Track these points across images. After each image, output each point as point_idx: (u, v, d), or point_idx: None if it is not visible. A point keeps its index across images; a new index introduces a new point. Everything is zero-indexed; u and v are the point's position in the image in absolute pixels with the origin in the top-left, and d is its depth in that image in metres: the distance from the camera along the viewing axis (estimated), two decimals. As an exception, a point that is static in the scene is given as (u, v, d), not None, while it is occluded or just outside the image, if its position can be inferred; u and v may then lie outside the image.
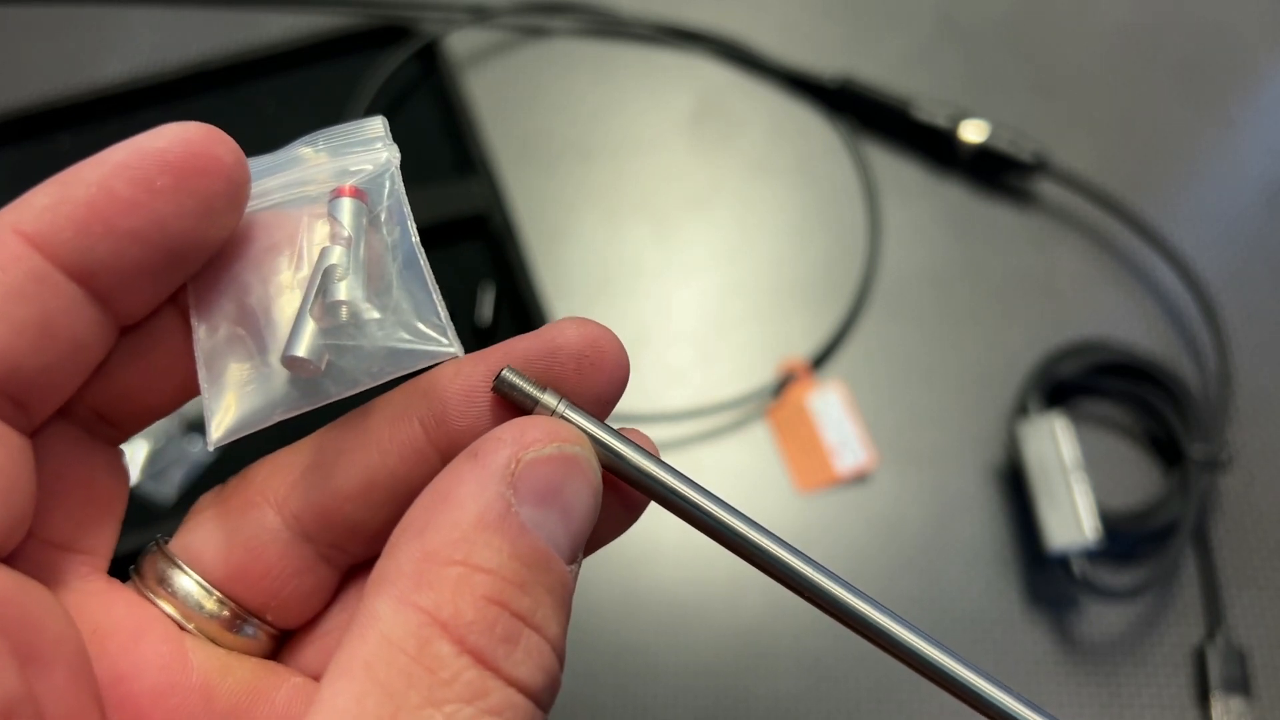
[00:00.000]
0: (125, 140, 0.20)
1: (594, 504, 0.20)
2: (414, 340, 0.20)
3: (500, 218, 0.57)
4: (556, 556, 0.19)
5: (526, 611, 0.18)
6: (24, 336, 0.19)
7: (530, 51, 0.65)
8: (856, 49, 0.65)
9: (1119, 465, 0.53)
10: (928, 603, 0.50)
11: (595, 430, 0.21)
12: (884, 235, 0.59)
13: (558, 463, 0.20)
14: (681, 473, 0.22)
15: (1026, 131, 0.60)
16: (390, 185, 0.22)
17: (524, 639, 0.18)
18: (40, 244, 0.19)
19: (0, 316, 0.19)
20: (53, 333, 0.19)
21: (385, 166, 0.22)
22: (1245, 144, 0.62)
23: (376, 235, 0.21)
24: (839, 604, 0.21)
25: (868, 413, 0.54)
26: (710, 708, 0.47)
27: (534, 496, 0.19)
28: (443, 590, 0.18)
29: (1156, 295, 0.57)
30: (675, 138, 0.62)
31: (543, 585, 0.19)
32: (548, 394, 0.21)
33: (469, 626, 0.18)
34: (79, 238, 0.19)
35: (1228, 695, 0.47)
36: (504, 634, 0.18)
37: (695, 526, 0.22)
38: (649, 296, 0.57)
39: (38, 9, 0.65)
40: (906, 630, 0.21)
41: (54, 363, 0.20)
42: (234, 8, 0.64)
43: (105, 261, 0.19)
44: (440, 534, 0.19)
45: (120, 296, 0.20)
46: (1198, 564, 0.50)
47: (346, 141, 0.22)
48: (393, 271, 0.21)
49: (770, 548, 0.21)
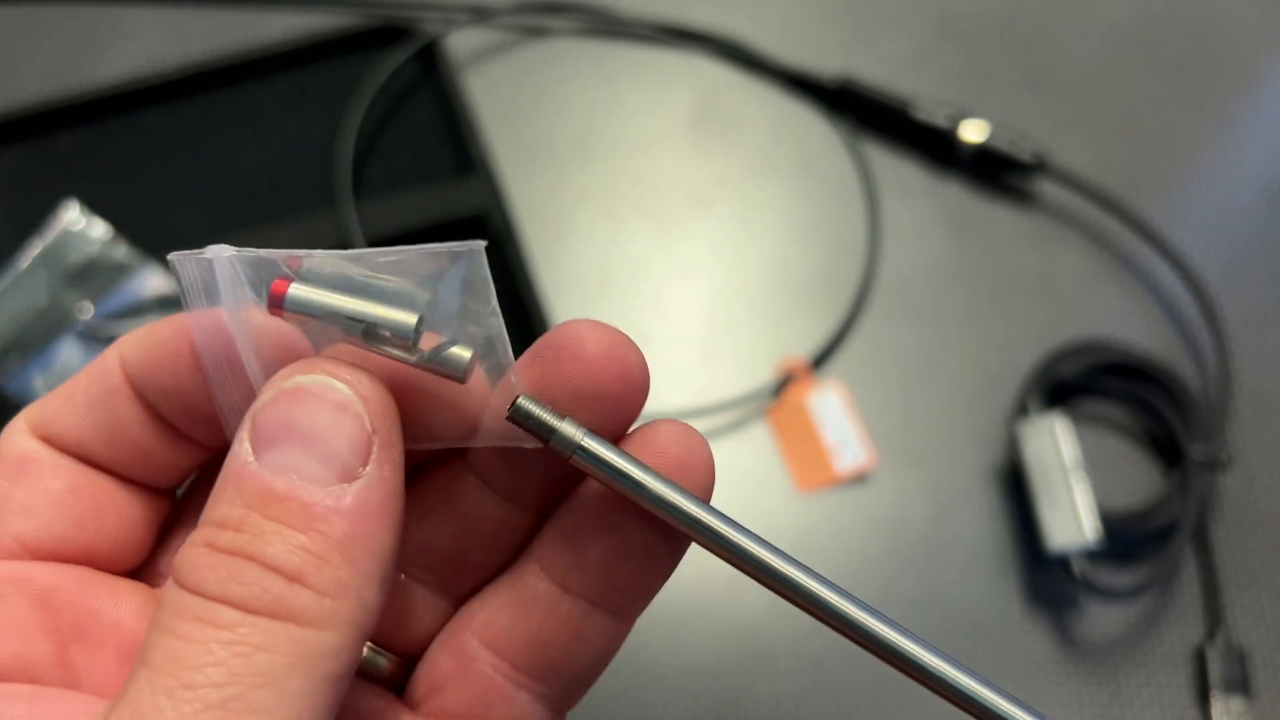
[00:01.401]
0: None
1: (338, 418, 0.20)
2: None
3: (500, 218, 0.57)
4: (287, 488, 0.19)
5: (238, 546, 0.19)
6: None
7: (530, 51, 0.65)
8: (856, 49, 0.65)
9: (1119, 465, 0.53)
10: (927, 602, 0.50)
11: (617, 460, 0.20)
12: (884, 235, 0.59)
13: (281, 400, 0.20)
14: (707, 503, 0.21)
15: (1026, 131, 0.60)
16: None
17: (226, 564, 0.19)
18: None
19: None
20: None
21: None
22: (1245, 144, 0.62)
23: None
24: (874, 638, 0.21)
25: (867, 413, 0.54)
26: (710, 708, 0.47)
27: (264, 441, 0.20)
28: (186, 556, 0.19)
29: (1156, 295, 0.57)
30: (675, 138, 0.62)
31: (270, 517, 0.19)
32: (566, 422, 0.20)
33: (182, 565, 0.19)
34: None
35: (1228, 695, 0.47)
36: (209, 564, 0.19)
37: (723, 558, 0.21)
38: (649, 296, 0.57)
39: (38, 9, 0.65)
40: (918, 645, 0.21)
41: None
42: (234, 8, 0.64)
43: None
44: (207, 504, 0.20)
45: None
46: (1198, 564, 0.50)
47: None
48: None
49: (801, 579, 0.21)
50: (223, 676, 0.17)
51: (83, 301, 0.53)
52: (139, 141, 0.60)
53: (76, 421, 0.23)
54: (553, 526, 0.22)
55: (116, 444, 0.23)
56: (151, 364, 0.22)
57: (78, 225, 0.55)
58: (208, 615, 0.18)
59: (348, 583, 0.19)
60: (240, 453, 0.20)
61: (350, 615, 0.19)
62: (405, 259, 0.20)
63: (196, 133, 0.61)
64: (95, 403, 0.22)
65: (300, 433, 0.20)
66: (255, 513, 0.19)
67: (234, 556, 0.19)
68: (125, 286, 0.54)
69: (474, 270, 0.20)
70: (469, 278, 0.20)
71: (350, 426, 0.20)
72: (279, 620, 0.18)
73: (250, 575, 0.18)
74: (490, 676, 0.22)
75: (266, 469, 0.19)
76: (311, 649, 0.18)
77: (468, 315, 0.21)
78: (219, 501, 0.19)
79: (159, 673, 0.17)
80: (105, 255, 0.54)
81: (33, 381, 0.51)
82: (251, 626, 0.18)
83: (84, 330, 0.53)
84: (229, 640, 0.18)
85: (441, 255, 0.20)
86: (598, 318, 0.22)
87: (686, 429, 0.22)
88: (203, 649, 0.18)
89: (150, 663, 0.18)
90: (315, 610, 0.19)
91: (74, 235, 0.54)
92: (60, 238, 0.54)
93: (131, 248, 0.55)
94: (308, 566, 0.19)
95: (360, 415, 0.20)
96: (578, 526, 0.22)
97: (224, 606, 0.18)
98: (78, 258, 0.54)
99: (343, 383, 0.20)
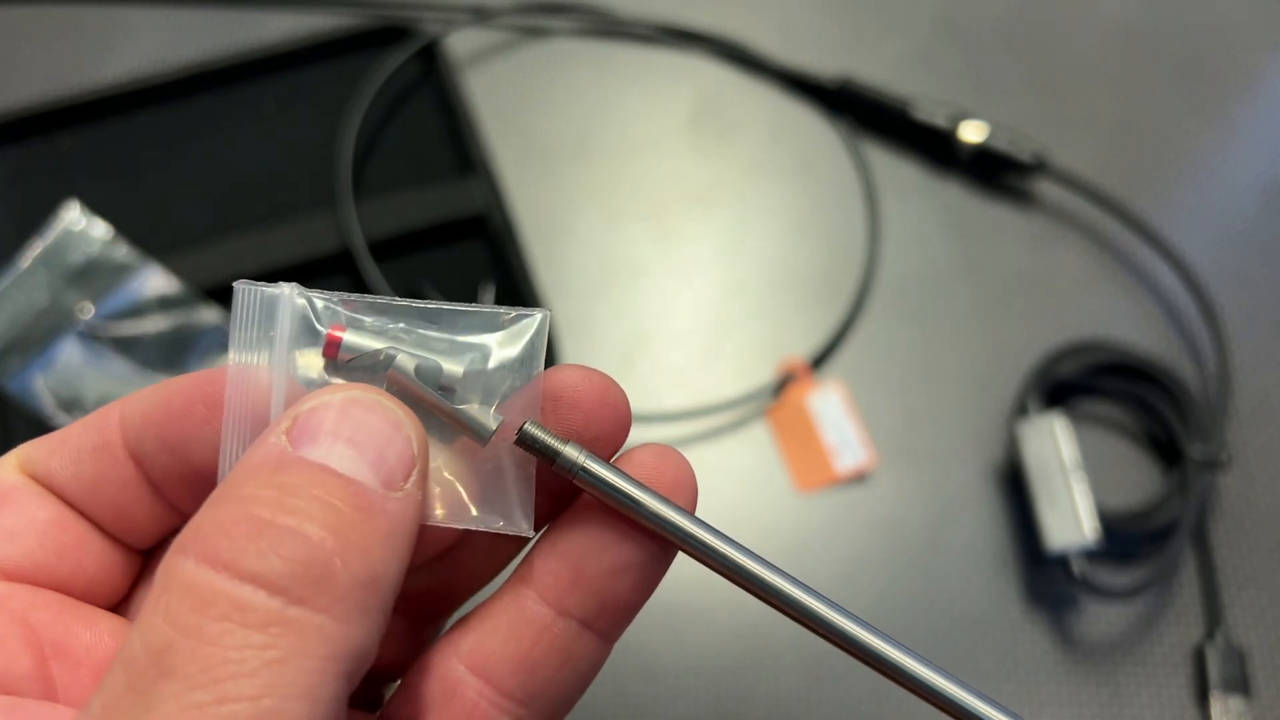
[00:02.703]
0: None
1: (392, 432, 0.20)
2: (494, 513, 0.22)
3: (500, 218, 0.57)
4: (338, 472, 0.19)
5: (272, 515, 0.18)
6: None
7: (530, 52, 0.65)
8: (856, 49, 0.65)
9: (1118, 465, 0.53)
10: (927, 602, 0.50)
11: (616, 480, 0.22)
12: (883, 235, 0.59)
13: (331, 406, 0.20)
14: (705, 521, 0.22)
15: (1026, 132, 0.60)
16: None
17: (265, 534, 0.18)
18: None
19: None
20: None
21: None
22: (1244, 144, 0.62)
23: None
24: (860, 645, 0.22)
25: (867, 412, 0.54)
26: (710, 708, 0.47)
27: (309, 436, 0.19)
28: (199, 523, 0.18)
29: (1156, 295, 0.57)
30: (675, 138, 0.62)
31: (310, 496, 0.18)
32: (569, 446, 0.22)
33: (208, 539, 0.18)
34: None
35: (1227, 694, 0.47)
36: (245, 534, 0.18)
37: (723, 575, 0.22)
38: (649, 296, 0.57)
39: (39, 9, 0.65)
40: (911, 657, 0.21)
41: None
42: (234, 8, 0.64)
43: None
44: (220, 489, 0.19)
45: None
46: (1197, 564, 0.50)
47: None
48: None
49: (797, 595, 0.22)
50: (257, 689, 0.17)
51: (83, 301, 0.53)
52: (139, 141, 0.60)
53: (62, 469, 0.23)
54: (549, 549, 0.23)
55: (96, 497, 0.23)
56: (158, 417, 0.22)
57: (78, 225, 0.55)
58: (238, 613, 0.17)
59: (381, 578, 0.19)
60: (275, 443, 0.19)
61: (380, 610, 0.19)
62: (461, 314, 0.22)
63: (197, 133, 0.61)
64: (84, 454, 0.23)
65: (350, 435, 0.20)
66: (300, 488, 0.19)
67: (275, 529, 0.18)
68: (126, 286, 0.54)
69: (533, 335, 0.22)
70: (522, 342, 0.22)
71: (401, 443, 0.20)
72: (316, 612, 0.17)
73: (293, 548, 0.18)
74: (475, 702, 0.22)
75: (314, 455, 0.19)
76: (342, 649, 0.18)
77: (511, 375, 0.22)
78: (247, 487, 0.19)
79: (188, 685, 0.16)
80: (106, 255, 0.54)
81: (33, 381, 0.51)
82: (285, 626, 0.17)
83: (85, 330, 0.53)
84: (262, 645, 0.17)
85: (499, 317, 0.22)
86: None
87: (672, 452, 0.23)
88: (236, 656, 0.17)
89: (175, 671, 0.17)
90: (352, 601, 0.18)
91: (75, 235, 0.55)
92: (61, 238, 0.54)
93: (132, 248, 0.55)
94: (351, 550, 0.18)
95: (410, 437, 0.21)
96: (576, 548, 0.22)
97: (260, 592, 0.17)
98: (78, 258, 0.54)
99: (395, 405, 0.21)
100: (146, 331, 0.53)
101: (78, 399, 0.51)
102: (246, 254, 0.56)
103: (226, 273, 0.55)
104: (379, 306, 0.22)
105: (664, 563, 0.23)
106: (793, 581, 0.22)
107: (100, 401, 0.51)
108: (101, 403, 0.51)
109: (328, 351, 0.21)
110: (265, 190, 0.59)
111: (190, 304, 0.54)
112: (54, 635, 0.22)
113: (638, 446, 0.23)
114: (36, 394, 0.51)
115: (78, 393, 0.51)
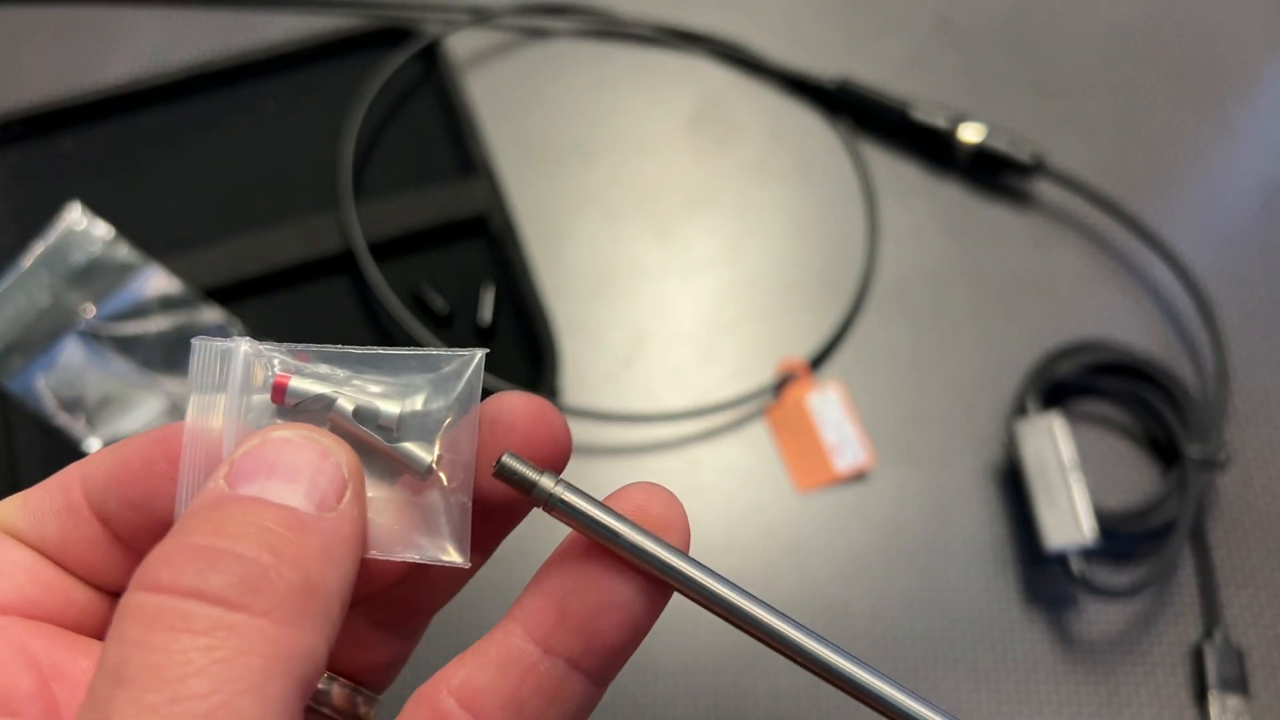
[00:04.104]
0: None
1: (321, 461, 0.21)
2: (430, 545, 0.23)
3: (500, 218, 0.57)
4: (271, 501, 0.20)
5: (208, 541, 0.19)
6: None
7: (531, 52, 0.65)
8: (855, 51, 0.65)
9: (1117, 465, 0.53)
10: (926, 602, 0.50)
11: (592, 510, 0.22)
12: (882, 236, 0.59)
13: (264, 445, 0.21)
14: (682, 551, 0.22)
15: (1025, 133, 0.60)
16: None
17: (203, 556, 0.19)
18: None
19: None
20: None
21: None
22: (1243, 145, 0.62)
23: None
24: (856, 686, 0.22)
25: (866, 412, 0.54)
26: (710, 707, 0.48)
27: (244, 476, 0.20)
28: (157, 555, 0.19)
29: (1154, 295, 0.58)
30: (675, 139, 0.62)
31: (245, 523, 0.19)
32: (545, 476, 0.22)
33: (151, 569, 0.19)
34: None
35: (1225, 694, 0.47)
36: (184, 559, 0.19)
37: (702, 605, 0.23)
38: (649, 296, 0.57)
39: (39, 9, 0.65)
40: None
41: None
42: (234, 8, 0.64)
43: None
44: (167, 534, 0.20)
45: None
46: (1195, 563, 0.50)
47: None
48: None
49: (775, 624, 0.22)
50: (206, 686, 0.17)
51: (85, 302, 0.53)
52: (141, 142, 0.60)
53: (28, 529, 0.23)
54: (536, 587, 0.23)
55: (65, 554, 0.23)
56: (121, 476, 0.23)
57: (80, 226, 0.55)
58: (182, 621, 0.18)
59: (318, 587, 0.19)
60: (214, 487, 0.20)
61: (321, 615, 0.19)
62: (402, 358, 0.23)
63: (198, 133, 0.61)
64: (47, 515, 0.23)
65: (283, 469, 0.21)
66: (235, 518, 0.19)
67: (212, 550, 0.19)
68: (128, 287, 0.54)
69: (470, 375, 0.23)
70: (460, 382, 0.23)
71: (331, 469, 0.21)
72: (255, 616, 0.18)
73: (229, 565, 0.18)
74: None
75: (249, 491, 0.20)
76: (285, 649, 0.18)
77: (449, 412, 0.23)
78: (187, 526, 0.20)
79: (141, 690, 0.17)
80: (107, 256, 0.54)
81: (35, 381, 0.52)
82: (229, 630, 0.18)
83: (86, 330, 0.53)
84: (207, 647, 0.17)
85: (439, 359, 0.23)
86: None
87: (660, 489, 0.23)
88: (182, 659, 0.17)
89: (128, 681, 0.17)
90: (290, 605, 0.19)
91: (76, 236, 0.55)
92: (62, 238, 0.55)
93: (133, 248, 0.55)
94: (285, 562, 0.19)
95: (340, 464, 0.21)
96: (562, 585, 0.23)
97: (201, 604, 0.18)
98: (80, 258, 0.54)
99: (324, 438, 0.22)
100: (148, 332, 0.53)
101: (79, 399, 0.51)
102: (247, 254, 0.56)
103: (228, 273, 0.55)
104: (326, 355, 0.23)
105: (654, 602, 0.23)
106: (779, 615, 0.22)
107: (101, 401, 0.52)
108: (103, 402, 0.51)
109: (275, 398, 0.23)
110: (266, 191, 0.59)
111: (192, 304, 0.54)
112: (52, 660, 0.22)
113: (629, 485, 0.23)
114: (38, 394, 0.51)
115: (79, 393, 0.52)
